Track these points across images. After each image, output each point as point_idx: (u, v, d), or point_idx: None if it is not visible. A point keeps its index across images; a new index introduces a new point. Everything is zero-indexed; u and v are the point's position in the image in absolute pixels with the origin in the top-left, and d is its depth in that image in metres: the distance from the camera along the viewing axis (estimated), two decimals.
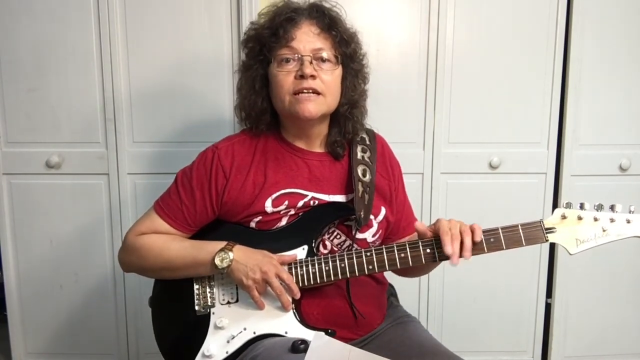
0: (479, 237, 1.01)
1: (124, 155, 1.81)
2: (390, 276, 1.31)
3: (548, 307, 1.97)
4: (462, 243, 1.01)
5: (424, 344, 1.12)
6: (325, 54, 1.11)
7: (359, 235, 1.16)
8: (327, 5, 1.16)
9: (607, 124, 1.86)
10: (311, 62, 1.09)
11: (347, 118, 1.18)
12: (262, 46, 1.13)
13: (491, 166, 1.85)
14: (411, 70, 1.81)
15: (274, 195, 1.12)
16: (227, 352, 1.08)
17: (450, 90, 1.82)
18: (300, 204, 1.13)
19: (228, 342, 1.09)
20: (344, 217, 1.14)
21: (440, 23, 1.78)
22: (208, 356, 1.08)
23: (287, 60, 1.10)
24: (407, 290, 1.86)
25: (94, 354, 1.92)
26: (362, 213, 1.13)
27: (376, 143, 1.25)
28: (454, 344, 1.20)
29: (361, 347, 1.10)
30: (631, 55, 1.83)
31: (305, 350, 0.97)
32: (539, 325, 1.97)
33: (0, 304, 2.10)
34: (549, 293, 1.96)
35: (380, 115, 1.77)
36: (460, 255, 1.01)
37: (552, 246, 1.92)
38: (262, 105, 1.15)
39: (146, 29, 1.76)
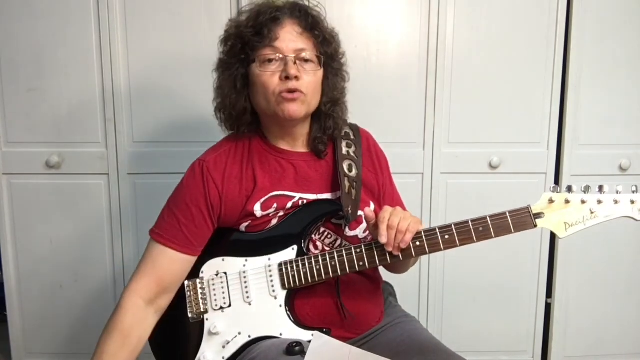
0: (405, 242, 1.02)
1: (124, 155, 1.81)
2: (390, 276, 1.31)
3: (548, 307, 1.97)
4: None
5: (424, 342, 1.12)
6: (308, 55, 1.10)
7: (350, 233, 1.16)
8: (308, 4, 1.15)
9: (607, 124, 1.86)
10: (295, 63, 1.08)
11: (328, 116, 1.17)
12: (245, 45, 1.11)
13: (491, 166, 1.85)
14: (411, 70, 1.81)
15: (262, 199, 1.12)
16: (223, 358, 1.08)
17: (450, 90, 1.82)
18: (289, 205, 1.13)
19: (224, 347, 1.08)
20: (332, 213, 1.13)
21: (440, 23, 1.78)
22: None
23: (270, 61, 1.09)
24: (407, 290, 1.87)
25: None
26: (349, 209, 1.12)
27: (360, 137, 1.24)
28: (454, 344, 1.19)
29: (360, 347, 1.10)
30: (631, 55, 1.83)
31: (300, 353, 0.97)
32: (539, 325, 1.97)
33: (0, 304, 2.10)
34: (549, 293, 1.96)
35: (380, 115, 1.79)
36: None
37: (552, 246, 1.92)
38: (243, 105, 1.14)
39: (146, 30, 1.76)
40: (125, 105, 1.79)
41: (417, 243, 1.04)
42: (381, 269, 1.26)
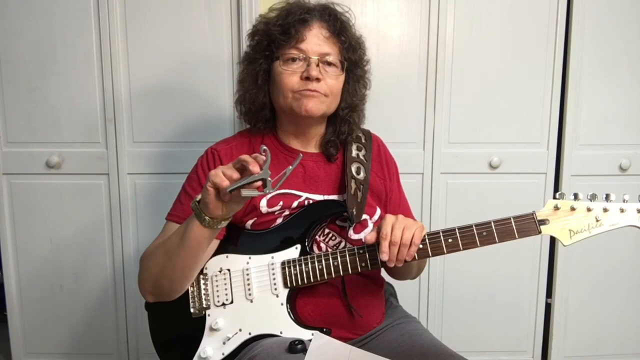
0: (410, 256, 1.01)
1: (124, 155, 1.81)
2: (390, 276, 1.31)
3: (548, 307, 1.97)
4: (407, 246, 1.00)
5: (425, 343, 1.12)
6: (331, 59, 1.11)
7: (354, 236, 1.16)
8: (339, 9, 1.16)
9: (607, 124, 1.86)
10: (318, 65, 1.09)
11: (344, 121, 1.18)
12: (270, 42, 1.12)
13: (491, 166, 1.85)
14: (411, 70, 1.81)
15: (269, 196, 1.12)
16: (223, 354, 1.08)
17: (450, 90, 1.82)
18: (295, 204, 1.13)
19: (224, 343, 1.09)
20: (335, 213, 1.13)
21: (440, 23, 1.78)
22: (204, 358, 1.08)
23: (294, 60, 1.10)
24: (407, 290, 1.87)
25: (94, 354, 1.92)
26: (354, 210, 1.12)
27: (372, 142, 1.25)
28: (454, 344, 1.19)
29: (361, 347, 1.10)
30: (631, 55, 1.83)
31: (302, 351, 0.97)
32: (539, 325, 1.97)
33: (0, 304, 2.10)
34: (549, 293, 1.96)
35: (380, 115, 1.79)
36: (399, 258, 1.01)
37: (552, 246, 1.92)
38: (262, 100, 1.15)
39: (146, 29, 1.76)
40: (125, 105, 1.79)
41: (421, 246, 1.04)
42: (383, 273, 1.26)
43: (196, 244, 1.00)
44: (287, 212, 1.13)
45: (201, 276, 1.13)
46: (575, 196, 1.01)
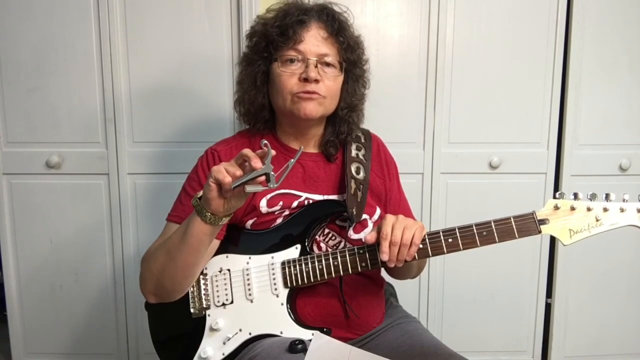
0: (410, 256, 1.01)
1: (124, 155, 1.81)
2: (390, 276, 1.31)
3: (548, 307, 1.97)
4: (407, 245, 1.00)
5: (425, 343, 1.12)
6: (330, 60, 1.11)
7: (354, 236, 1.16)
8: (336, 9, 1.16)
9: (606, 124, 1.86)
10: (316, 66, 1.09)
11: (344, 120, 1.18)
12: (268, 43, 1.12)
13: (491, 166, 1.85)
14: (411, 70, 1.81)
15: (268, 196, 1.12)
16: (223, 354, 1.08)
17: (450, 90, 1.82)
18: (295, 204, 1.13)
19: (224, 343, 1.09)
20: (335, 213, 1.13)
21: (440, 23, 1.78)
22: (205, 358, 1.08)
23: (292, 61, 1.10)
24: (407, 290, 1.87)
25: (94, 354, 1.92)
26: (354, 210, 1.12)
27: (371, 142, 1.25)
28: (454, 344, 1.19)
29: (361, 347, 1.10)
30: (631, 55, 1.83)
31: (302, 350, 0.97)
32: (539, 325, 1.97)
33: (0, 304, 2.10)
34: (549, 293, 1.96)
35: (380, 115, 1.79)
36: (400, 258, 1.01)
37: (552, 246, 1.93)
38: (261, 102, 1.16)
39: (146, 29, 1.76)
40: (125, 105, 1.79)
41: (421, 246, 1.04)
42: (383, 273, 1.26)
43: (197, 241, 1.00)
44: (287, 212, 1.13)
45: (201, 276, 1.13)
46: (575, 196, 1.01)
